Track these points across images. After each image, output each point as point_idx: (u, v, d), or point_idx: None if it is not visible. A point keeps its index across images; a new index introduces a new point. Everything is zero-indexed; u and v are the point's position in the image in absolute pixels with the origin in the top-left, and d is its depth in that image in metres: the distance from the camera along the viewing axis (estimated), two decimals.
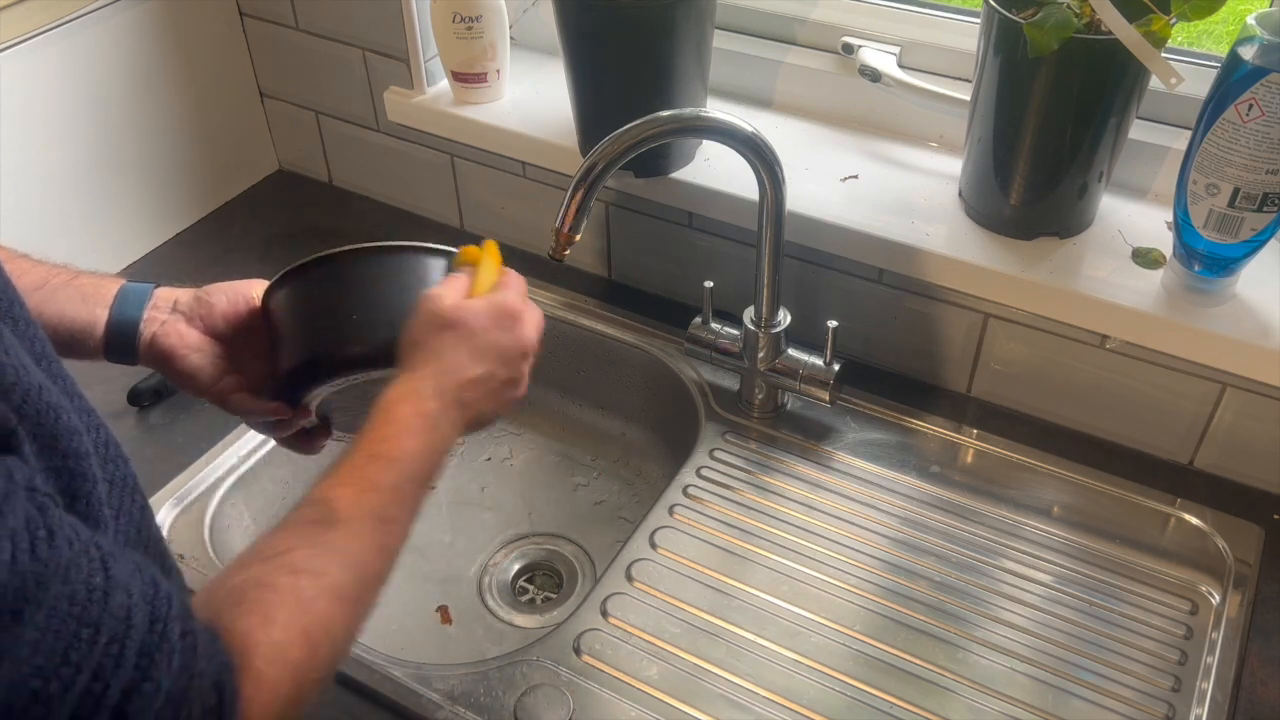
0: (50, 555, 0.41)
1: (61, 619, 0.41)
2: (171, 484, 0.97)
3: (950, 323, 1.02)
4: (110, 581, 0.44)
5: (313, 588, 0.54)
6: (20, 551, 0.40)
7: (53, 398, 0.47)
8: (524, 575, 1.06)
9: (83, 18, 1.11)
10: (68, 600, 0.42)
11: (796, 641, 0.84)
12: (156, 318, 0.74)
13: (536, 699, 0.80)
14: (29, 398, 0.45)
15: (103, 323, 0.73)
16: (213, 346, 0.75)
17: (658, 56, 0.96)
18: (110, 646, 0.43)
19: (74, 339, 0.72)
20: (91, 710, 0.42)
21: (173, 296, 0.76)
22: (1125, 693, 0.81)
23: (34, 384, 0.46)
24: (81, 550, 0.43)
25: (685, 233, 1.12)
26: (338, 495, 0.59)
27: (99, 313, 0.73)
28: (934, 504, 0.95)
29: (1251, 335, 0.86)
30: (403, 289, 0.72)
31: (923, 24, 1.06)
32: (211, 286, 0.77)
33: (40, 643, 0.40)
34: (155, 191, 1.25)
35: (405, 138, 1.26)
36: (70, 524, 0.44)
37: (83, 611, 0.42)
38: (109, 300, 0.73)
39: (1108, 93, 0.86)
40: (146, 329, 0.74)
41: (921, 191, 1.01)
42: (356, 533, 0.58)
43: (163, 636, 0.45)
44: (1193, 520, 0.92)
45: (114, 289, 0.74)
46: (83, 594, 0.42)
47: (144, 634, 0.44)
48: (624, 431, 1.16)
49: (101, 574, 0.43)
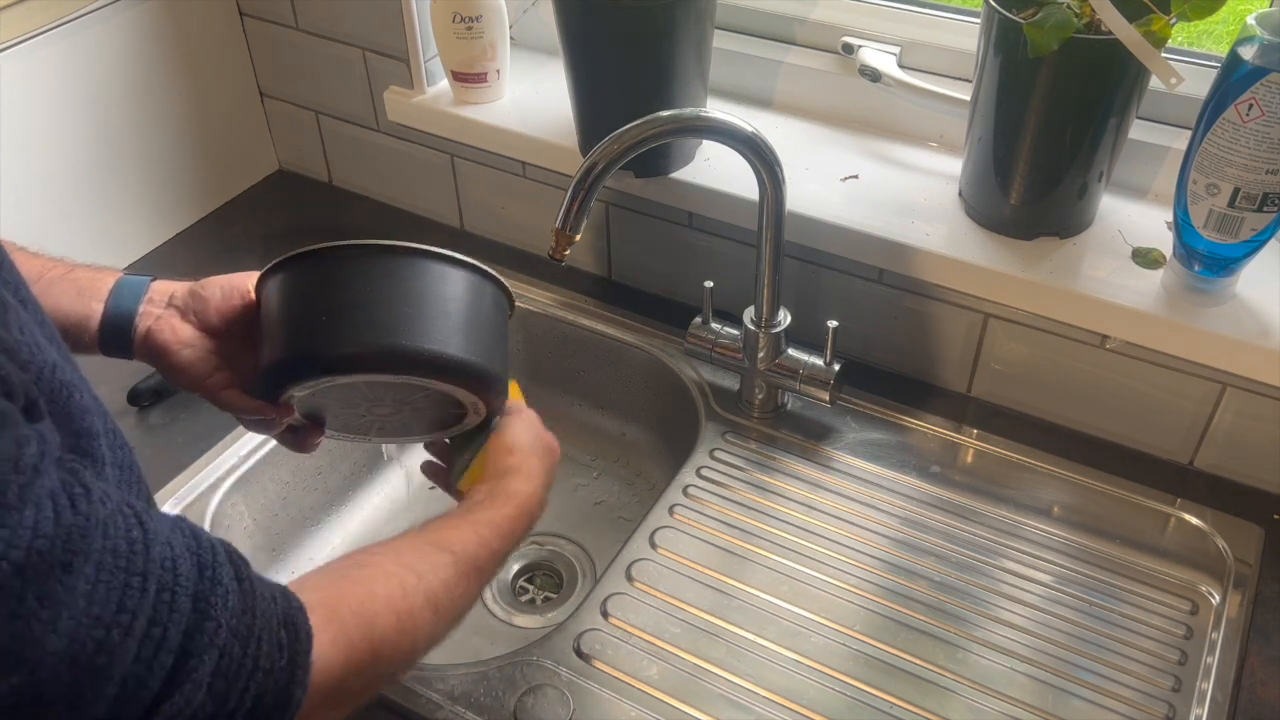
0: (90, 510, 0.43)
1: (110, 571, 0.43)
2: (171, 484, 0.97)
3: (950, 323, 1.02)
4: (149, 535, 0.45)
5: (416, 585, 0.59)
6: (61, 508, 0.41)
7: (67, 376, 0.47)
8: (524, 575, 1.06)
9: (83, 18, 1.11)
10: (111, 554, 0.43)
11: (796, 641, 0.84)
12: (151, 312, 0.74)
13: (536, 699, 0.80)
14: (44, 375, 0.45)
15: (98, 316, 0.72)
16: (206, 342, 0.74)
17: (658, 56, 0.96)
18: (162, 594, 0.44)
19: (69, 332, 0.71)
20: (153, 652, 0.44)
21: (169, 290, 0.75)
22: (1125, 693, 0.81)
23: (49, 362, 0.46)
24: (116, 508, 0.44)
25: (685, 233, 1.12)
26: (452, 535, 0.65)
27: (94, 306, 0.72)
28: (934, 504, 0.95)
29: (1251, 335, 0.86)
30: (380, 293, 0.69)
31: (923, 24, 1.06)
32: (209, 280, 0.76)
33: (94, 594, 0.42)
34: (155, 191, 1.25)
35: (405, 138, 1.26)
36: (101, 485, 0.45)
37: (128, 563, 0.43)
38: (104, 294, 0.73)
39: (1108, 93, 0.86)
40: (141, 323, 0.73)
41: (921, 191, 1.01)
42: (462, 571, 0.63)
43: (214, 580, 0.47)
44: (1193, 520, 0.92)
45: (110, 282, 0.74)
46: (124, 547, 0.44)
47: (195, 580, 0.46)
48: (624, 431, 1.16)
49: (139, 528, 0.45)
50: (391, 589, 0.58)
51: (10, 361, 0.43)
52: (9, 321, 0.45)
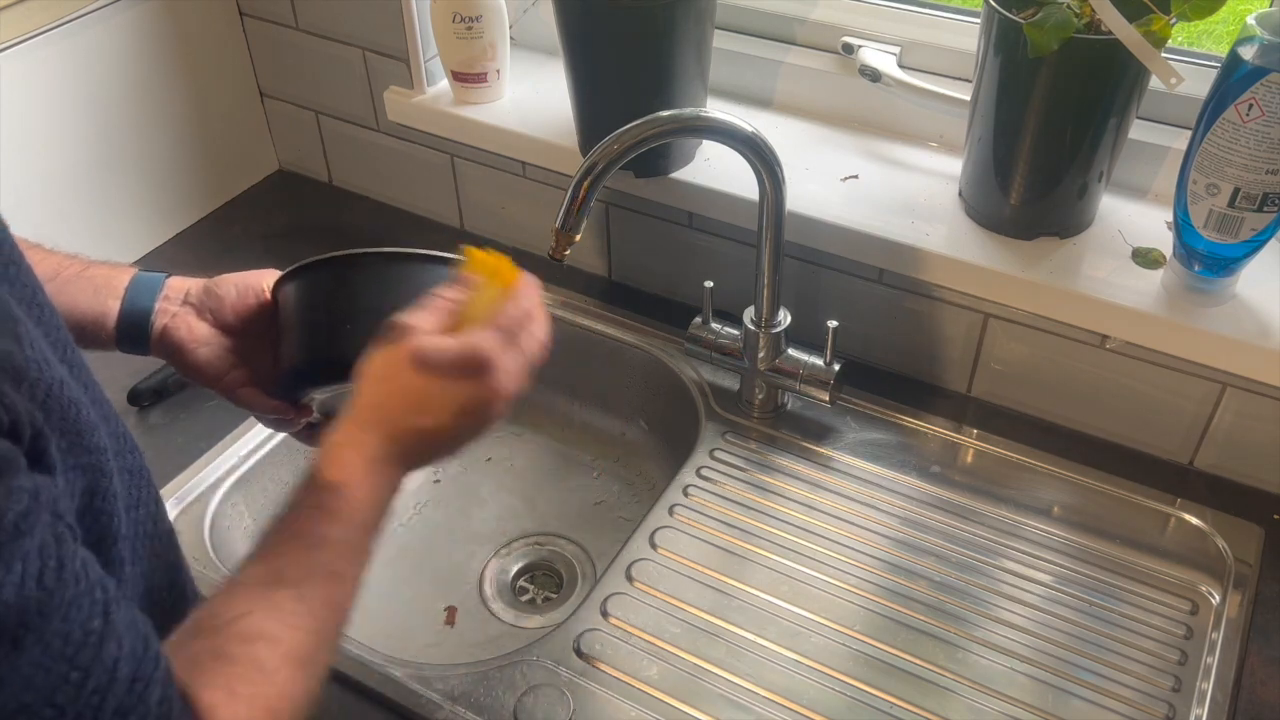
0: (56, 587, 0.41)
1: (54, 658, 0.41)
2: (171, 484, 0.97)
3: (950, 323, 1.02)
4: (108, 627, 0.43)
5: (271, 656, 0.52)
6: (29, 577, 0.40)
7: (73, 392, 0.47)
8: (524, 575, 1.06)
9: (83, 18, 1.11)
10: (63, 639, 0.41)
11: (796, 641, 0.84)
12: (168, 309, 0.74)
13: (536, 699, 0.80)
14: (52, 393, 0.45)
15: (115, 314, 0.72)
16: (222, 340, 0.75)
17: (658, 56, 0.96)
18: (93, 696, 0.42)
19: (86, 330, 0.72)
20: None
21: (184, 287, 0.75)
22: (1125, 693, 0.81)
23: (56, 379, 0.45)
24: (86, 590, 0.43)
25: (685, 233, 1.12)
26: (285, 552, 0.56)
27: (111, 304, 0.73)
28: (934, 504, 0.95)
29: (1251, 335, 0.86)
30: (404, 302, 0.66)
31: (923, 24, 1.06)
32: (222, 277, 0.76)
33: (32, 679, 0.40)
34: (155, 191, 1.25)
35: (405, 138, 1.26)
36: (83, 559, 0.43)
37: (76, 654, 0.42)
38: (120, 291, 0.73)
39: (1108, 93, 0.86)
40: (158, 320, 0.73)
41: (921, 191, 1.01)
42: (308, 594, 0.55)
43: (140, 698, 0.44)
44: (1193, 520, 0.92)
45: (125, 279, 0.74)
46: (79, 635, 0.42)
47: (124, 691, 0.44)
48: (624, 431, 1.16)
49: (101, 618, 0.43)
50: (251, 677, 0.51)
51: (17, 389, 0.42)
52: (20, 335, 0.44)
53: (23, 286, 0.50)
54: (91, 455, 0.47)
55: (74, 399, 0.46)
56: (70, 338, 0.52)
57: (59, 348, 0.50)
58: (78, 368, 0.51)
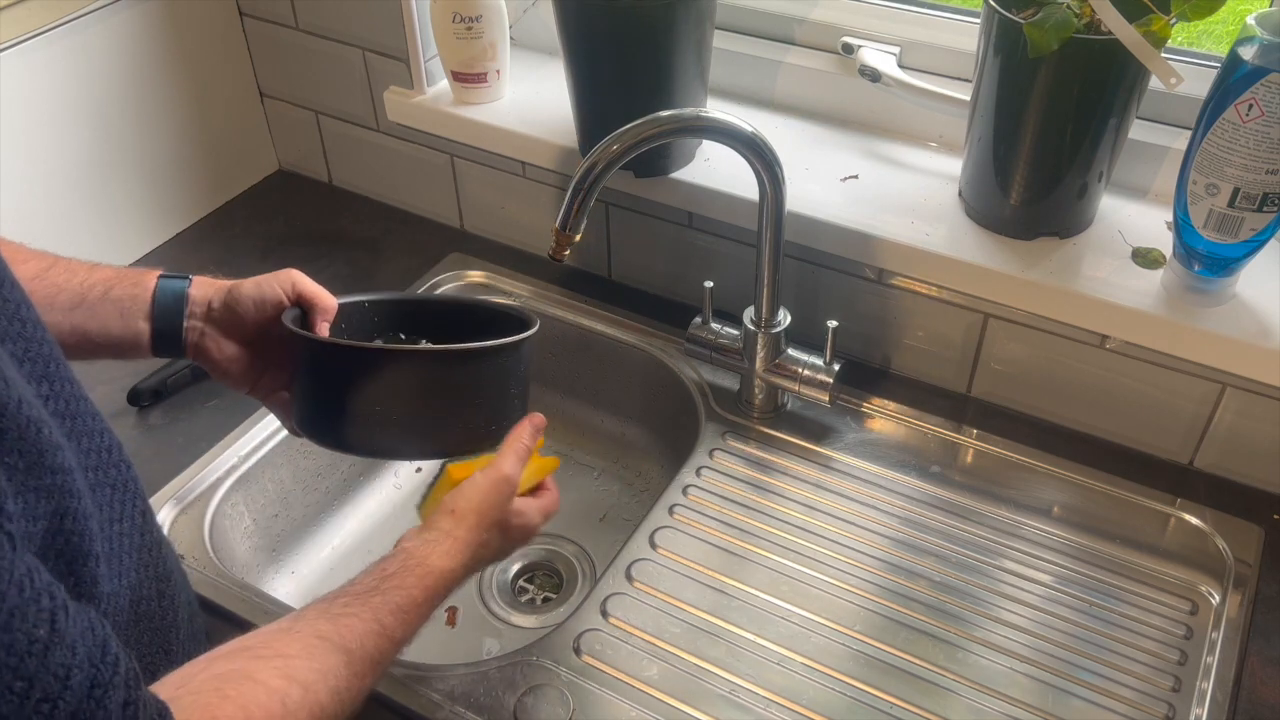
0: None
1: None
2: (171, 484, 0.97)
3: (950, 323, 1.02)
4: (55, 635, 0.43)
5: (300, 700, 0.55)
6: None
7: (34, 412, 0.46)
8: (524, 575, 1.06)
9: (83, 18, 1.11)
10: (4, 649, 0.41)
11: (796, 641, 0.84)
12: (195, 326, 0.77)
13: (536, 699, 0.80)
14: (7, 412, 0.44)
15: (147, 335, 0.76)
16: (247, 353, 0.79)
17: (658, 56, 0.96)
18: (41, 705, 0.42)
19: (121, 349, 0.76)
20: None
21: (206, 299, 0.78)
22: (1125, 693, 0.81)
23: (14, 399, 0.45)
24: (32, 598, 0.42)
25: (685, 233, 1.12)
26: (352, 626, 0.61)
27: (141, 325, 0.75)
28: (934, 504, 0.95)
29: (1251, 335, 0.86)
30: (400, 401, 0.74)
31: (923, 24, 1.06)
32: (238, 291, 0.78)
33: None
34: (155, 191, 1.25)
35: (405, 138, 1.26)
36: (29, 567, 0.43)
37: (19, 663, 0.41)
38: (146, 309, 0.75)
39: (1108, 93, 0.86)
40: (189, 337, 0.77)
41: (921, 191, 1.01)
42: (357, 671, 0.60)
43: (99, 704, 0.44)
44: (1193, 520, 0.92)
45: (148, 295, 0.76)
46: (22, 644, 0.41)
47: (81, 698, 0.43)
48: (624, 431, 1.16)
49: (47, 626, 0.42)
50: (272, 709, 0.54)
51: None
52: None
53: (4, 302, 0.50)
54: (55, 476, 0.47)
55: (34, 419, 0.46)
56: (58, 353, 0.53)
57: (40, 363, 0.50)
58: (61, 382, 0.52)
